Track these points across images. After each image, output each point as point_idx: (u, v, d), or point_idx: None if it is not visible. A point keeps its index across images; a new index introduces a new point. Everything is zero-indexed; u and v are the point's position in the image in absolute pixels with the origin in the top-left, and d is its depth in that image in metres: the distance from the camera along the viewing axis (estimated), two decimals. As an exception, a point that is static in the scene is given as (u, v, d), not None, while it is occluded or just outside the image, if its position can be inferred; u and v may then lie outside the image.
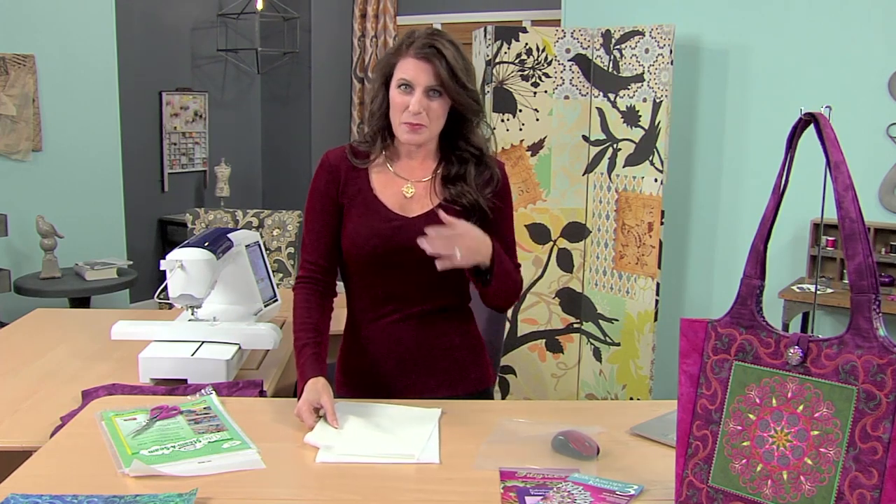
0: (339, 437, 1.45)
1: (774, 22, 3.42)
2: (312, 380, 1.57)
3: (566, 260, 3.57)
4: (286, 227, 3.66)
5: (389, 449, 1.42)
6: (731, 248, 3.62)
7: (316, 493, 1.29)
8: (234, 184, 5.79)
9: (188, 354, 1.84)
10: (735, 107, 3.56)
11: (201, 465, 1.33)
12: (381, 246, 1.66)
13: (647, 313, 3.33)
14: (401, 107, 1.61)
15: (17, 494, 1.19)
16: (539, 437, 1.46)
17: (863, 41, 3.25)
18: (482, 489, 1.27)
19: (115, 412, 1.54)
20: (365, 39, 5.81)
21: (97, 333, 2.19)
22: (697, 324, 1.17)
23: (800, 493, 1.04)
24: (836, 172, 1.05)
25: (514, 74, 3.41)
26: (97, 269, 4.01)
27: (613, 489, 1.25)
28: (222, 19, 5.79)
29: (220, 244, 1.99)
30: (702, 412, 1.15)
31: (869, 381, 1.00)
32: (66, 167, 4.21)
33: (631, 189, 3.37)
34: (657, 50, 3.23)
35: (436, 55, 1.58)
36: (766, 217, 1.12)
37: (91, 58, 4.27)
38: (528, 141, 3.46)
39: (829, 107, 1.08)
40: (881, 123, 3.24)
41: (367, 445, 1.43)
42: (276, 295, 2.33)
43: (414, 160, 1.72)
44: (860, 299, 1.02)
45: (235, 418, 1.53)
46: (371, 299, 1.73)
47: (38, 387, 1.83)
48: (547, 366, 3.63)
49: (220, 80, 5.92)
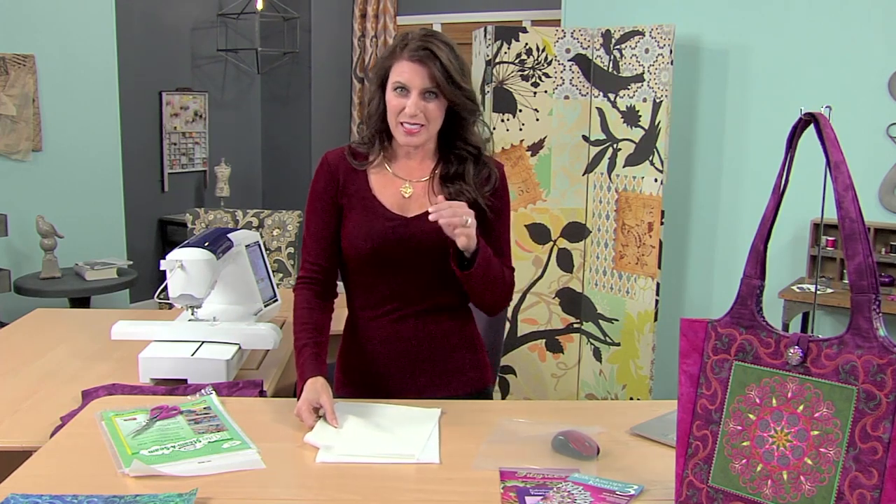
0: (339, 437, 1.45)
1: (774, 22, 3.42)
2: (312, 379, 1.58)
3: (566, 260, 3.57)
4: (286, 227, 3.66)
5: (389, 449, 1.42)
6: (731, 248, 3.62)
7: (316, 493, 1.29)
8: (234, 184, 5.79)
9: (188, 354, 1.84)
10: (735, 107, 3.56)
11: (201, 465, 1.33)
12: (379, 246, 1.66)
13: (647, 313, 3.33)
14: (397, 109, 1.62)
15: (17, 494, 1.19)
16: (539, 437, 1.46)
17: (863, 41, 3.25)
18: (482, 489, 1.27)
19: (115, 412, 1.54)
20: (365, 39, 5.81)
21: (97, 333, 2.19)
22: (697, 324, 1.17)
23: (800, 493, 1.04)
24: (836, 172, 1.05)
25: (514, 74, 3.41)
26: (97, 269, 4.01)
27: (613, 489, 1.25)
28: (222, 19, 5.79)
29: (220, 244, 1.99)
30: (702, 412, 1.15)
31: (869, 381, 1.00)
32: (66, 167, 4.21)
33: (631, 189, 3.37)
34: (657, 50, 3.23)
35: (430, 57, 1.58)
36: (766, 217, 1.12)
37: (91, 58, 4.27)
38: (528, 141, 3.46)
39: (829, 107, 1.08)
40: (881, 123, 3.24)
41: (366, 445, 1.43)
42: (276, 295, 2.33)
43: (412, 160, 1.73)
44: (860, 299, 1.02)
45: (235, 418, 1.53)
46: (370, 298, 1.73)
47: (38, 387, 1.83)
48: (547, 366, 3.63)
49: (220, 80, 5.92)
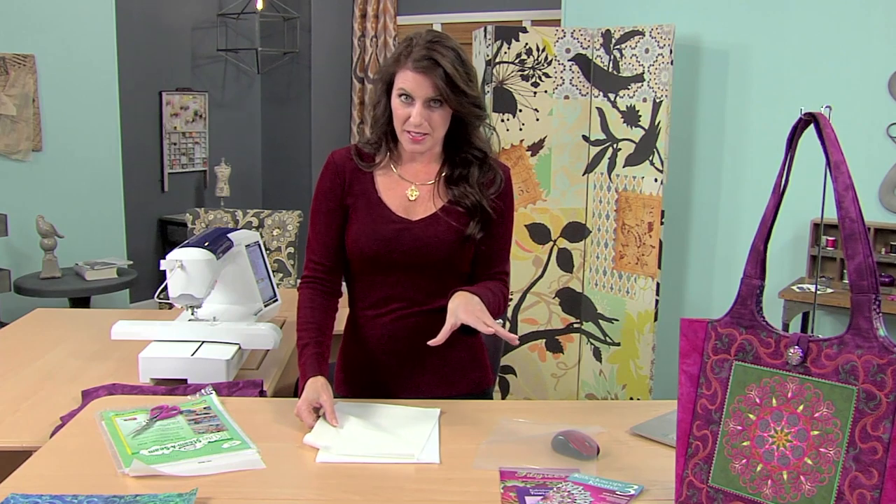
0: (339, 437, 1.45)
1: (774, 22, 3.42)
2: (312, 379, 1.58)
3: (566, 260, 3.57)
4: (286, 227, 3.66)
5: (389, 449, 1.42)
6: (731, 248, 3.62)
7: (316, 493, 1.29)
8: (234, 184, 5.79)
9: (188, 354, 1.84)
10: (735, 107, 3.56)
11: (201, 465, 1.33)
12: (383, 248, 1.66)
13: (647, 313, 3.33)
14: (402, 118, 1.62)
15: (17, 494, 1.19)
16: (539, 437, 1.46)
17: (863, 41, 3.25)
18: (482, 489, 1.27)
19: (115, 412, 1.54)
20: (365, 39, 5.81)
21: (97, 333, 2.19)
22: (697, 324, 1.17)
23: (800, 493, 1.04)
24: (836, 172, 1.05)
25: (514, 74, 3.41)
26: (97, 269, 4.01)
27: (613, 489, 1.25)
28: (222, 19, 5.79)
29: (220, 244, 1.99)
30: (702, 412, 1.15)
31: (869, 381, 1.00)
32: (66, 167, 4.21)
33: (631, 189, 3.37)
34: (657, 50, 3.23)
35: (433, 67, 1.57)
36: (766, 217, 1.12)
37: (91, 58, 4.27)
38: (528, 141, 3.46)
39: (829, 107, 1.08)
40: (881, 123, 3.24)
41: (366, 446, 1.43)
42: (276, 295, 2.33)
43: (418, 163, 1.73)
44: (860, 299, 1.02)
45: (235, 418, 1.53)
46: (373, 298, 1.73)
47: (38, 387, 1.83)
48: (547, 366, 3.63)
49: (220, 80, 5.92)
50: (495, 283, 1.74)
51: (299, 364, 1.64)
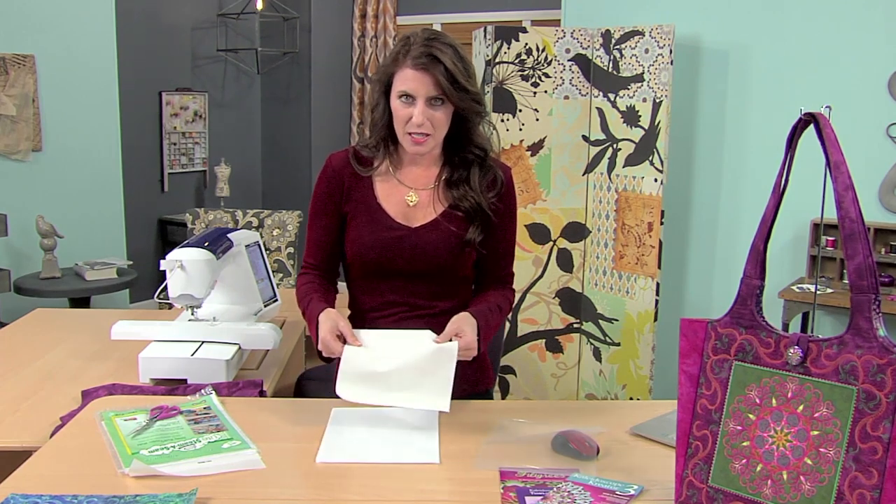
0: (369, 359, 1.50)
1: (774, 22, 3.42)
2: (324, 312, 1.57)
3: (566, 260, 3.57)
4: (286, 227, 3.66)
5: (408, 402, 1.48)
6: (731, 248, 3.62)
7: (316, 493, 1.29)
8: (234, 184, 5.78)
9: (188, 354, 1.84)
10: (735, 107, 3.56)
11: (201, 465, 1.33)
12: (384, 255, 1.66)
13: (647, 313, 3.33)
14: (404, 119, 1.60)
15: (17, 494, 1.19)
16: (539, 437, 1.46)
17: (863, 41, 3.24)
18: (482, 489, 1.27)
19: (115, 412, 1.54)
20: (365, 39, 5.81)
21: (97, 333, 2.19)
22: (697, 324, 1.17)
23: (800, 493, 1.04)
24: (836, 172, 1.05)
25: (513, 74, 3.41)
26: (97, 269, 4.01)
27: (613, 489, 1.25)
28: (222, 19, 5.78)
29: (220, 244, 1.99)
30: (702, 412, 1.15)
31: (869, 381, 1.00)
32: (66, 167, 4.21)
33: (631, 189, 3.37)
34: (657, 50, 3.23)
35: (434, 63, 1.55)
36: (766, 217, 1.12)
37: (91, 58, 4.27)
38: (527, 141, 3.46)
39: (829, 107, 1.08)
40: (881, 123, 3.24)
41: (388, 396, 1.49)
42: (276, 295, 2.33)
43: (418, 167, 1.72)
44: (860, 299, 1.02)
45: (235, 418, 1.53)
46: (374, 302, 1.73)
47: (38, 387, 1.82)
48: (547, 366, 3.63)
49: (220, 80, 5.92)
50: (500, 292, 1.74)
51: (306, 315, 1.65)
